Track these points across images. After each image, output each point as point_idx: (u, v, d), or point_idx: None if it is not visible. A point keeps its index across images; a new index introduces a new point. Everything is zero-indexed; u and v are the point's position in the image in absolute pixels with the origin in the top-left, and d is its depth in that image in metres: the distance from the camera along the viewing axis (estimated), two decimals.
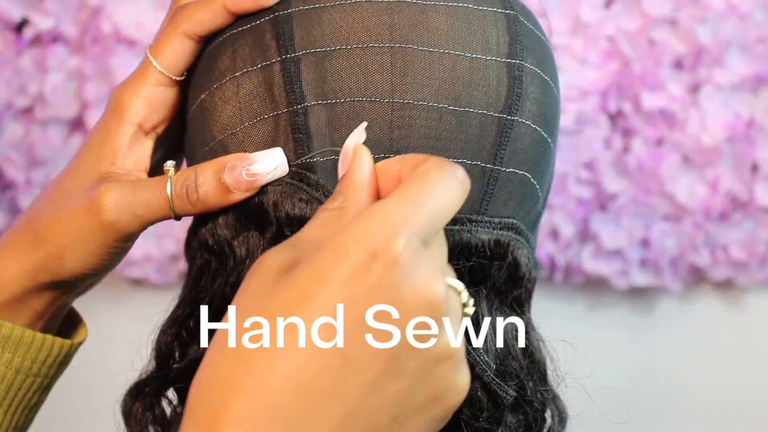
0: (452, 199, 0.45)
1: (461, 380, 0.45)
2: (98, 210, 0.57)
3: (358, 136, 0.50)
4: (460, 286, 0.46)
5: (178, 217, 0.57)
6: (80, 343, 0.64)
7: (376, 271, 0.42)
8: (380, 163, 0.48)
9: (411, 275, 0.42)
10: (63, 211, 0.58)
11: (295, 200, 0.53)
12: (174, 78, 0.59)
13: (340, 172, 0.49)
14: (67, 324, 0.65)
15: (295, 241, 0.45)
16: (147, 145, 0.59)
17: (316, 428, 0.41)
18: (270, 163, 0.53)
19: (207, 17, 0.57)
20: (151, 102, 0.59)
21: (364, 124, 0.50)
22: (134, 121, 0.58)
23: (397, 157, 0.48)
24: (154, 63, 0.58)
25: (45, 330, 0.62)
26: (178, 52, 0.58)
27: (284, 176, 0.54)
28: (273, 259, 0.45)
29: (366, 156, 0.48)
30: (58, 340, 0.62)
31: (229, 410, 0.41)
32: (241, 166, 0.54)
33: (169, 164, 0.57)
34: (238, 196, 0.54)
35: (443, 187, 0.45)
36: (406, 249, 0.42)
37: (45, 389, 0.63)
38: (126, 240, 0.58)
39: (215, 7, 0.56)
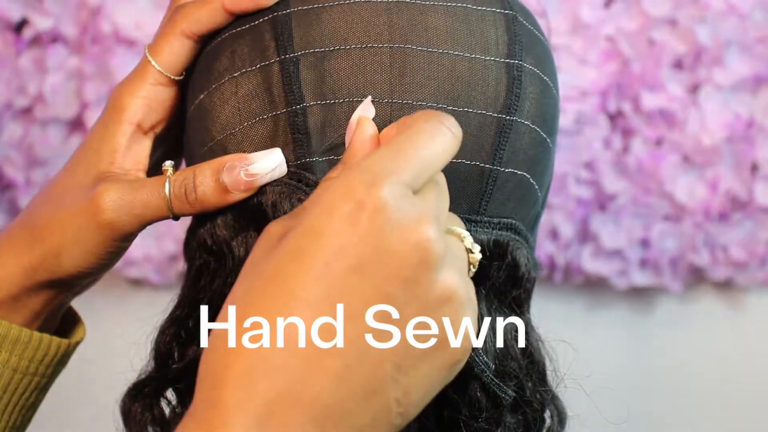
0: (440, 146, 0.45)
1: (465, 324, 0.45)
2: (96, 209, 0.57)
3: (363, 109, 0.50)
4: (463, 232, 0.47)
5: (176, 217, 0.57)
6: (78, 342, 0.64)
7: (362, 220, 0.42)
8: (382, 131, 0.49)
9: (398, 221, 0.42)
10: (61, 210, 0.58)
11: (294, 201, 0.53)
12: (173, 77, 0.59)
13: (347, 145, 0.50)
14: (65, 323, 0.65)
15: (295, 212, 0.46)
16: (145, 145, 0.60)
17: (316, 381, 0.42)
18: (269, 164, 0.53)
19: (205, 17, 0.57)
20: (149, 101, 0.59)
21: (369, 98, 0.51)
22: (133, 120, 0.58)
23: (396, 121, 0.49)
24: (153, 62, 0.58)
25: (43, 329, 0.62)
26: (176, 52, 0.58)
27: (283, 177, 0.54)
28: (273, 228, 0.45)
29: (368, 125, 0.49)
30: (56, 339, 0.62)
31: (230, 371, 0.42)
32: (240, 166, 0.54)
33: (168, 164, 0.57)
34: (237, 196, 0.54)
35: (429, 135, 0.45)
36: (390, 196, 0.42)
37: (43, 388, 0.63)
38: (124, 239, 0.58)
39: (214, 7, 0.56)
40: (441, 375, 0.45)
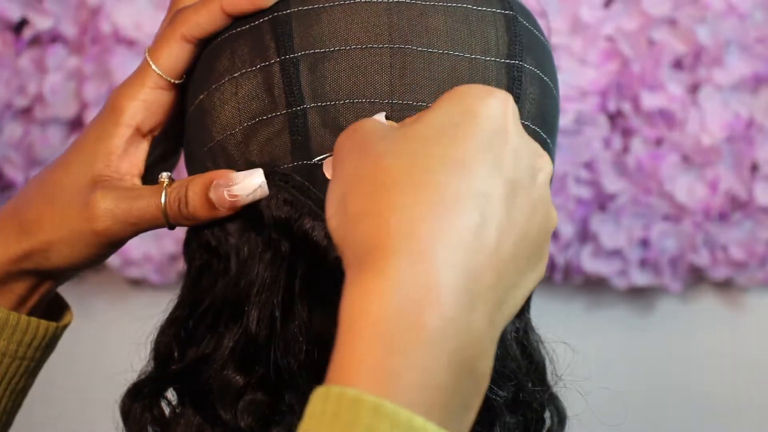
0: None
1: (554, 212, 0.48)
2: (92, 216, 0.57)
3: None
4: None
5: (172, 227, 0.57)
6: (66, 326, 0.65)
7: (495, 115, 0.46)
8: None
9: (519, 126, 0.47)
10: (53, 207, 0.59)
11: (279, 201, 0.53)
12: (172, 81, 0.59)
13: None
14: (51, 309, 0.66)
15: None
16: (142, 148, 0.60)
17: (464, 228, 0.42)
18: (249, 186, 0.54)
19: (205, 21, 0.57)
20: (148, 105, 0.59)
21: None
22: (131, 123, 0.59)
23: None
24: (153, 66, 0.58)
25: (30, 315, 0.63)
26: (176, 56, 0.58)
27: (276, 179, 0.54)
28: (371, 121, 0.48)
29: None
30: (43, 322, 0.62)
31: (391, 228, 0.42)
32: (224, 185, 0.54)
33: (165, 176, 0.57)
34: (224, 212, 0.55)
35: None
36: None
37: (32, 373, 0.64)
38: (116, 245, 0.59)
39: (213, 10, 0.56)
40: (543, 262, 0.47)
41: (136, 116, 0.59)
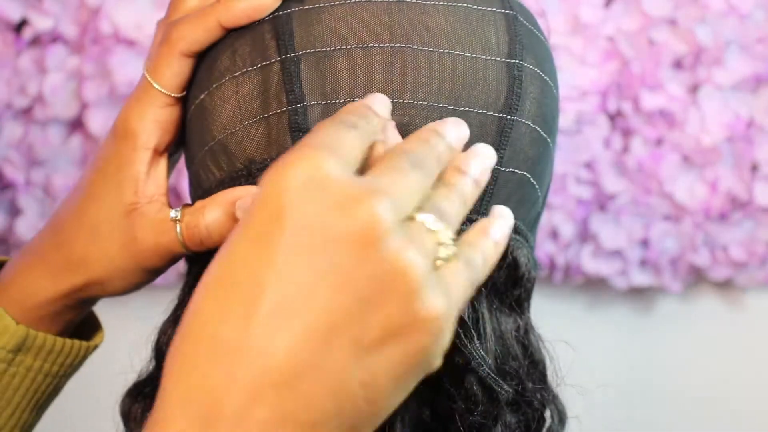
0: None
1: (424, 311, 0.40)
2: (136, 255, 0.58)
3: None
4: (430, 222, 0.42)
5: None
6: (98, 345, 0.66)
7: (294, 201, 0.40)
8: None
9: (333, 196, 0.40)
10: (97, 245, 0.59)
11: None
12: (177, 96, 0.59)
13: None
14: (84, 323, 0.67)
15: None
16: (162, 166, 0.60)
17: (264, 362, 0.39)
18: None
19: (203, 36, 0.57)
20: (161, 124, 0.59)
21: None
22: (149, 146, 0.58)
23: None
24: (157, 87, 0.58)
25: (73, 334, 0.64)
26: (178, 72, 0.58)
27: None
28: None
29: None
30: (84, 343, 0.64)
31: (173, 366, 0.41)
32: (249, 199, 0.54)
33: (173, 215, 0.57)
34: None
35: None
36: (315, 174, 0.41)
37: (62, 387, 0.66)
38: (164, 269, 0.60)
39: (210, 24, 0.56)
40: (408, 361, 0.40)
41: (152, 138, 0.59)
